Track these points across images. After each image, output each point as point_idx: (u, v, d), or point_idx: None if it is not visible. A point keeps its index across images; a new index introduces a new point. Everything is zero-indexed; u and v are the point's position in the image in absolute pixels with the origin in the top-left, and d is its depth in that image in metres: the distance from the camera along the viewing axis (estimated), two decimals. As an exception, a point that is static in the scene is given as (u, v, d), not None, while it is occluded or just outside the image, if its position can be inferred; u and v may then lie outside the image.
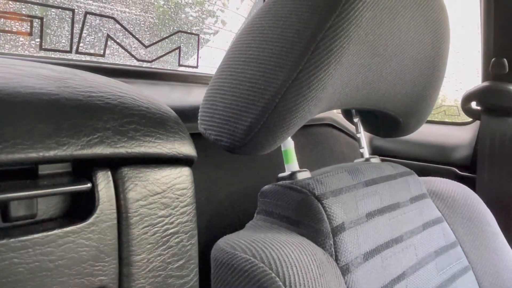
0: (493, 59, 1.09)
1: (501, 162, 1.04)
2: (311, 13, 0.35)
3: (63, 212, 0.28)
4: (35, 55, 0.66)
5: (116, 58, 0.76)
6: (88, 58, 0.72)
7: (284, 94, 0.34)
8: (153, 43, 0.81)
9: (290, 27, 0.36)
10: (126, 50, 0.76)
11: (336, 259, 0.43)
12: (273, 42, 0.36)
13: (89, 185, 0.27)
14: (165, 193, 0.31)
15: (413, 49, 0.45)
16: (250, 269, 0.39)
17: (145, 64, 0.80)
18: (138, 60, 0.78)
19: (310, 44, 0.34)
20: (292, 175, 0.49)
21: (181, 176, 0.33)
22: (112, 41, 0.74)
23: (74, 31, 0.68)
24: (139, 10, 0.80)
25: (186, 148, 0.33)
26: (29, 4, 0.63)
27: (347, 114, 0.65)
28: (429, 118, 0.54)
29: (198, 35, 0.88)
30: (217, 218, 0.63)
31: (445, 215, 0.63)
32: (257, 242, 0.41)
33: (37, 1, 0.64)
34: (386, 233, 0.50)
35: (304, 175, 0.49)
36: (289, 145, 0.49)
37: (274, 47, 0.36)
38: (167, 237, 0.31)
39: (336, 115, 0.94)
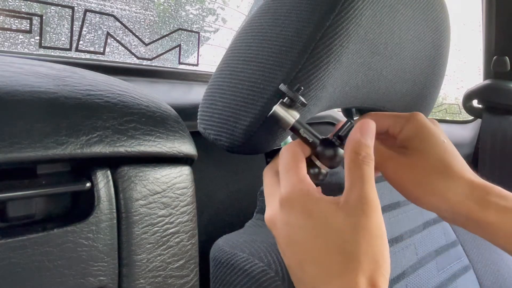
0: (494, 57, 1.09)
1: (503, 160, 1.03)
2: (310, 12, 0.35)
3: (62, 212, 0.28)
4: (34, 53, 0.66)
5: (116, 56, 0.76)
6: (88, 56, 0.72)
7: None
8: (153, 41, 0.81)
9: (289, 26, 0.35)
10: (126, 48, 0.76)
11: (336, 258, 0.43)
12: (272, 41, 0.36)
13: (88, 184, 0.27)
14: (165, 192, 0.31)
15: (414, 48, 0.45)
16: (250, 268, 0.38)
17: (145, 62, 0.80)
18: (138, 58, 0.78)
19: (310, 43, 0.34)
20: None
21: (181, 175, 0.32)
22: (112, 39, 0.74)
23: (74, 28, 0.68)
24: (139, 8, 0.80)
25: (187, 147, 0.33)
26: (29, 2, 0.63)
27: (348, 113, 0.64)
28: (430, 117, 0.54)
29: (198, 33, 0.88)
30: (217, 217, 0.63)
31: (445, 213, 0.63)
32: (257, 242, 0.41)
33: (37, -1, 0.64)
34: (386, 233, 0.50)
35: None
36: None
37: (273, 46, 0.36)
38: (167, 237, 0.31)
39: (337, 113, 0.94)
